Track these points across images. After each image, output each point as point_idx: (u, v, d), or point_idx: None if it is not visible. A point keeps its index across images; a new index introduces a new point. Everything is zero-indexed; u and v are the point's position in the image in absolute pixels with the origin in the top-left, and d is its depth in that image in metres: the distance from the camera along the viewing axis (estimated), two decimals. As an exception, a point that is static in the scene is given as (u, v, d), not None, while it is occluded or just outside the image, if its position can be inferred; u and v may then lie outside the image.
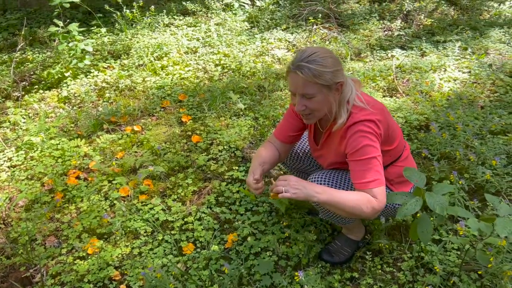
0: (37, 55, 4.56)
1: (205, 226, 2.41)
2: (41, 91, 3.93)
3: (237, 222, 2.43)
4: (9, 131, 3.37)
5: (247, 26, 5.01)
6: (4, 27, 5.26)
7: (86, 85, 3.96)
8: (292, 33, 4.85)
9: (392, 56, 4.30)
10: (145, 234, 2.39)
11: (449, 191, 1.86)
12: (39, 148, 3.07)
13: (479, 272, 1.99)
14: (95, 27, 4.86)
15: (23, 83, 4.00)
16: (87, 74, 4.13)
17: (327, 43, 4.61)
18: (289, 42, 4.65)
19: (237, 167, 2.85)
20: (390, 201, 1.86)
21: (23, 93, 3.88)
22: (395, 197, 1.85)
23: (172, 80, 4.00)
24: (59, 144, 3.12)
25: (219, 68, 4.16)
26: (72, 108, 3.68)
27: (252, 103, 3.55)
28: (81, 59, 4.02)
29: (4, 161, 3.01)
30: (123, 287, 2.09)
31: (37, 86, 4.01)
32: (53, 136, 3.21)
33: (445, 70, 3.95)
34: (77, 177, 2.84)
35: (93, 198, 2.62)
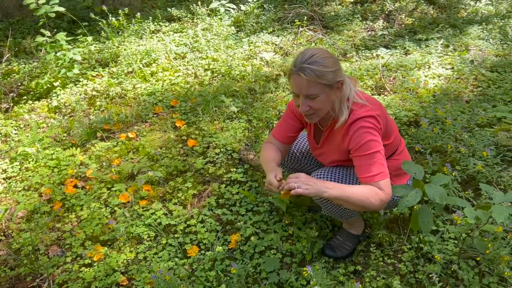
0: (23, 65, 4.52)
1: (208, 228, 2.44)
2: (30, 101, 3.90)
3: (239, 223, 2.47)
4: (0, 143, 3.34)
5: (233, 30, 5.06)
6: (-13, 39, 5.20)
7: (76, 94, 3.95)
8: (278, 36, 4.92)
9: (377, 55, 4.41)
10: (148, 239, 2.40)
11: (446, 182, 1.94)
12: (34, 158, 3.05)
13: (477, 259, 2.07)
14: (81, 36, 4.84)
15: (11, 94, 3.97)
16: (76, 83, 4.12)
17: (312, 44, 4.69)
18: (276, 45, 4.72)
19: (235, 169, 2.89)
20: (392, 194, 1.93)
21: (12, 104, 3.84)
22: (395, 190, 1.92)
23: (162, 86, 4.01)
24: (53, 154, 3.11)
25: (208, 73, 4.19)
26: (64, 118, 3.67)
27: (245, 106, 3.60)
28: (69, 68, 4.01)
29: (-1, 173, 2.99)
30: (131, 292, 2.11)
31: (26, 97, 3.97)
32: (47, 146, 3.20)
33: (429, 67, 4.07)
34: (75, 186, 2.83)
35: (93, 206, 2.62)
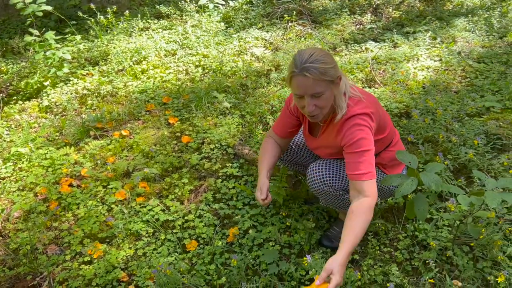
0: (11, 66, 4.47)
1: (206, 223, 2.46)
2: (20, 102, 3.87)
3: (236, 217, 2.50)
4: (-8, 144, 3.31)
5: (223, 27, 5.06)
6: (-28, 40, 5.13)
7: (67, 93, 3.92)
8: (267, 32, 4.94)
9: (366, 48, 4.45)
10: (147, 235, 2.41)
11: (440, 169, 1.98)
12: (27, 158, 3.04)
13: (471, 244, 2.12)
14: (69, 34, 4.80)
15: (1, 94, 3.93)
16: (67, 82, 4.09)
17: (302, 39, 4.72)
18: (265, 40, 4.74)
19: (230, 164, 2.91)
20: (387, 184, 1.98)
21: (1, 105, 3.81)
22: (391, 180, 1.96)
23: (154, 84, 4.01)
24: (47, 153, 3.10)
25: (199, 69, 4.20)
26: (55, 117, 3.64)
27: (237, 102, 3.62)
28: (59, 67, 3.98)
29: (-8, 174, 2.96)
30: (131, 287, 2.12)
31: (15, 97, 3.94)
32: (40, 146, 3.18)
33: (418, 59, 4.13)
34: (70, 185, 2.83)
35: (90, 204, 2.62)
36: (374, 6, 5.44)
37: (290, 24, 4.96)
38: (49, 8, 4.03)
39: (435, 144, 2.84)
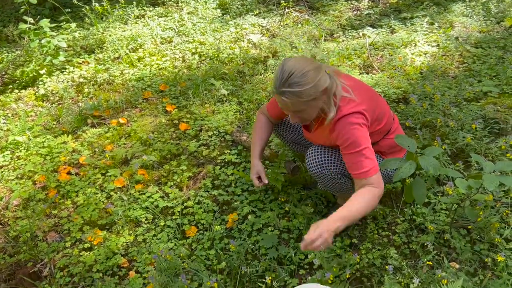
0: (6, 54, 4.43)
1: (205, 209, 2.47)
2: (16, 90, 3.84)
3: (235, 203, 2.50)
4: (-11, 133, 3.30)
5: (219, 13, 5.02)
6: (-35, 28, 5.07)
7: (63, 81, 3.90)
8: (264, 18, 4.90)
9: (363, 34, 4.43)
10: (146, 222, 2.42)
11: (438, 153, 1.99)
12: (25, 147, 3.03)
13: (469, 227, 2.14)
14: (64, 22, 4.75)
15: (-4, 83, 3.90)
16: (63, 70, 4.06)
17: (299, 25, 4.70)
18: (262, 27, 4.71)
19: (228, 151, 2.91)
20: (385, 168, 1.99)
21: (-3, 93, 3.78)
22: (389, 163, 1.97)
23: (150, 71, 3.99)
24: (45, 141, 3.09)
25: (196, 56, 4.17)
26: (52, 106, 3.63)
27: (234, 89, 3.60)
28: (55, 55, 3.95)
29: (-10, 162, 2.96)
30: (132, 273, 2.13)
31: (11, 86, 3.91)
32: (38, 134, 3.17)
33: (415, 45, 4.11)
34: (69, 173, 2.83)
35: (88, 192, 2.63)
36: (371, -9, 5.39)
37: (287, 10, 4.93)
38: (43, -5, 3.98)
39: (432, 129, 2.85)
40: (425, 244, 2.08)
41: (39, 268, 2.16)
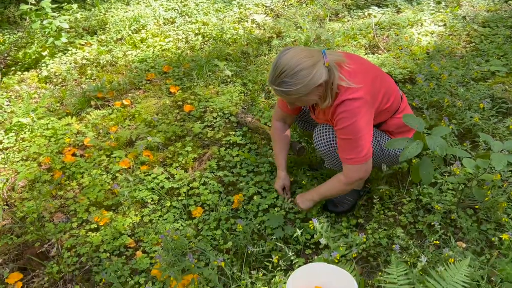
0: (8, 36, 4.40)
1: (211, 190, 2.47)
2: (19, 72, 3.82)
3: (241, 184, 2.50)
4: (-7, 115, 3.29)
5: (222, -7, 4.95)
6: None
7: (66, 63, 3.87)
8: (268, -2, 4.83)
9: (369, 14, 4.37)
10: (152, 203, 2.43)
11: (446, 133, 1.97)
12: (29, 129, 3.02)
13: (476, 207, 2.13)
14: (65, 3, 4.70)
15: (-1, 65, 3.88)
16: (65, 52, 4.03)
17: (304, 5, 4.63)
18: (266, 7, 4.64)
19: (233, 132, 2.90)
20: (392, 147, 1.97)
21: (0, 76, 3.76)
22: (396, 143, 1.95)
23: (153, 52, 3.95)
24: (49, 123, 3.08)
25: (199, 37, 4.13)
26: (55, 87, 3.61)
27: (239, 70, 3.57)
28: (57, 37, 3.91)
29: (-5, 144, 2.95)
30: (139, 253, 2.14)
31: (14, 68, 3.89)
32: (42, 116, 3.16)
33: (422, 24, 4.05)
34: (73, 154, 2.82)
35: (94, 173, 2.63)
36: (377, -30, 5.29)
37: (291, -10, 4.85)
38: (44, -24, 3.92)
39: (439, 109, 2.82)
40: (431, 224, 2.08)
41: (47, 248, 2.17)
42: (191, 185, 2.51)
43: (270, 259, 1.97)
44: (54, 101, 3.39)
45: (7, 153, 2.85)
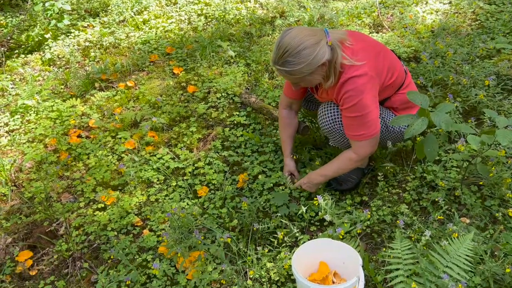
0: (10, 19, 4.38)
1: (216, 169, 2.49)
2: (22, 55, 3.82)
3: (245, 163, 2.51)
4: (-2, 98, 3.31)
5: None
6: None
7: (69, 45, 3.86)
8: (271, -23, 4.77)
9: (373, -7, 4.31)
10: (158, 182, 2.45)
11: (450, 109, 1.97)
12: (34, 111, 3.04)
13: (480, 183, 2.14)
14: (66, -15, 4.66)
15: (2, 48, 3.87)
16: (68, 34, 4.02)
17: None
18: (269, -14, 4.58)
19: (237, 113, 2.90)
20: (397, 124, 1.97)
21: (4, 59, 3.76)
22: (401, 120, 1.95)
23: (156, 34, 3.93)
24: (54, 105, 3.09)
25: (202, 18, 4.10)
26: (59, 70, 3.61)
27: (242, 50, 3.55)
28: (59, 19, 3.89)
29: (1, 126, 2.97)
30: (146, 231, 2.17)
31: (17, 51, 3.89)
32: (46, 98, 3.17)
33: (427, 2, 4.00)
34: (79, 136, 2.84)
35: (100, 154, 2.65)
36: None
37: (294, -31, 4.78)
38: (44, -43, 3.89)
39: (444, 87, 2.81)
40: (435, 201, 2.09)
41: (55, 227, 2.21)
42: (196, 165, 2.53)
43: (275, 235, 1.99)
44: (58, 83, 3.40)
45: (13, 135, 2.87)
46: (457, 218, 1.94)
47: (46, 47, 3.85)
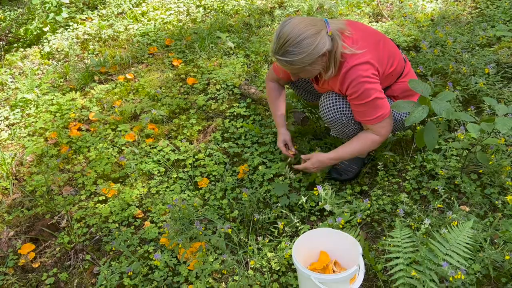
0: (8, 13, 4.37)
1: (216, 161, 2.49)
2: (21, 49, 3.82)
3: (246, 154, 2.52)
4: (-3, 92, 3.31)
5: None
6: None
7: (67, 39, 3.85)
8: (269, -33, 4.74)
9: (373, -18, 4.28)
10: (159, 174, 2.46)
11: (451, 98, 1.96)
12: (34, 104, 3.04)
13: (480, 171, 2.14)
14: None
15: (1, 42, 3.87)
16: (66, 27, 4.01)
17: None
18: (268, -24, 4.55)
19: (237, 104, 2.90)
20: (397, 109, 1.95)
21: (2, 52, 3.76)
22: (402, 106, 1.94)
23: (155, 26, 3.92)
24: (53, 99, 3.09)
25: (201, 9, 4.09)
26: (58, 63, 3.60)
27: (241, 41, 3.54)
28: (57, 12, 3.88)
29: (1, 120, 2.98)
30: (147, 223, 2.18)
31: (16, 45, 3.88)
32: (46, 92, 3.17)
33: (427, -9, 3.97)
34: (79, 129, 2.85)
35: (100, 147, 2.65)
36: None
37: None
38: (41, -50, 3.87)
39: (444, 76, 2.80)
40: (435, 189, 2.09)
41: (57, 220, 2.22)
42: (196, 156, 2.53)
43: (276, 226, 2.00)
44: (58, 76, 3.39)
45: (13, 129, 2.88)
46: (456, 206, 1.95)
47: (45, 40, 3.84)
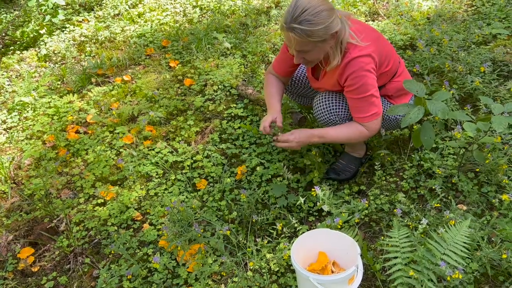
0: (4, 15, 4.35)
1: (214, 162, 2.50)
2: (18, 51, 3.81)
3: (244, 155, 2.52)
4: (-5, 95, 3.30)
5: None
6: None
7: (64, 41, 3.85)
8: (265, -33, 4.73)
9: (369, -20, 4.28)
10: (157, 176, 2.46)
11: (446, 98, 1.97)
12: (32, 107, 3.04)
13: (476, 170, 2.16)
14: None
15: (-3, 45, 3.86)
16: (63, 29, 4.00)
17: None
18: (264, -24, 4.55)
19: (234, 105, 2.90)
20: (393, 114, 1.98)
21: (-1, 56, 3.76)
22: (397, 109, 1.96)
23: (151, 27, 3.92)
24: (51, 102, 3.09)
25: (197, 10, 4.09)
26: (55, 66, 3.60)
27: (238, 41, 3.54)
28: (54, 14, 3.87)
29: (-1, 124, 2.98)
30: (146, 225, 2.19)
31: (12, 47, 3.87)
32: (43, 95, 3.17)
33: (422, -11, 3.97)
34: (77, 132, 2.85)
35: (98, 149, 2.65)
36: None
37: (288, -42, 4.74)
38: (36, -48, 3.85)
39: (440, 75, 2.81)
40: (433, 188, 2.10)
41: (56, 223, 2.23)
42: (194, 158, 2.54)
43: (274, 227, 2.01)
44: (55, 79, 3.39)
45: (11, 132, 2.87)
46: (454, 205, 1.96)
47: (42, 43, 3.84)
